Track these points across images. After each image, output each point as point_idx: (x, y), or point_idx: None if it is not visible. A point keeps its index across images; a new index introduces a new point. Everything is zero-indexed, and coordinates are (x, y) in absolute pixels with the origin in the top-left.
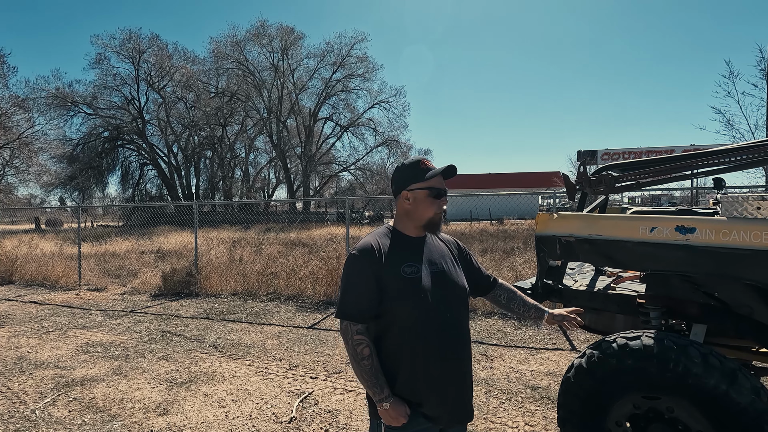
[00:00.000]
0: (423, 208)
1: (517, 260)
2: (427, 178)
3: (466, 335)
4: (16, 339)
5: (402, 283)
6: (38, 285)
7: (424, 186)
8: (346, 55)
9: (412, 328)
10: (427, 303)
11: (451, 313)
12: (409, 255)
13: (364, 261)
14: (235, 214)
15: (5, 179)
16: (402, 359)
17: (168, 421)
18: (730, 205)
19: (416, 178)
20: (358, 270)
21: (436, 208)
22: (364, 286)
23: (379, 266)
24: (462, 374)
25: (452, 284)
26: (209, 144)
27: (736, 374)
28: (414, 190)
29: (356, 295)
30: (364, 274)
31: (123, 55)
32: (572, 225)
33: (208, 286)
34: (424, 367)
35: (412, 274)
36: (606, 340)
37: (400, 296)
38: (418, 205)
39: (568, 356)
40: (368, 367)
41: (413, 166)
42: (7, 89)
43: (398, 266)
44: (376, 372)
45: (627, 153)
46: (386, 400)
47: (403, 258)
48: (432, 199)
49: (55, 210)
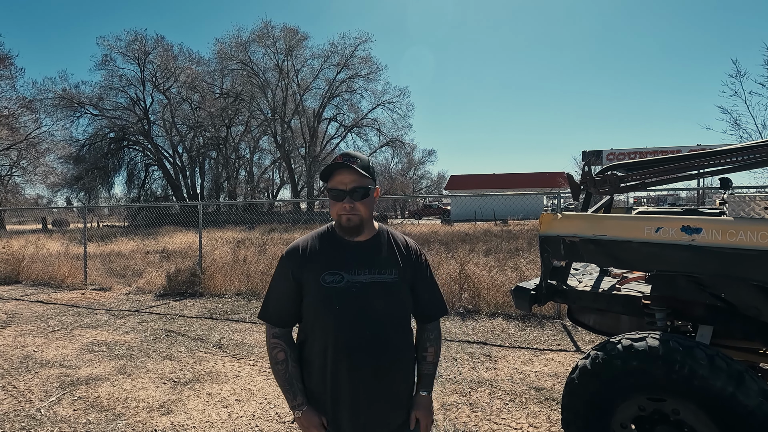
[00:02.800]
0: (332, 210)
1: (521, 261)
2: (324, 179)
3: (391, 352)
4: (23, 338)
5: (320, 292)
6: (44, 284)
7: (327, 187)
8: (350, 55)
9: (327, 340)
10: (346, 315)
11: (374, 329)
12: (336, 261)
13: (287, 263)
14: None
15: (13, 180)
16: (314, 370)
17: (172, 420)
18: (736, 205)
19: (324, 177)
20: (280, 273)
21: (338, 209)
22: (283, 289)
23: (301, 271)
24: (381, 393)
25: (381, 297)
26: (214, 144)
27: (743, 376)
28: (328, 191)
29: (275, 299)
30: (285, 277)
31: (129, 57)
32: (577, 225)
33: (212, 286)
34: (333, 381)
35: (332, 283)
36: (611, 341)
37: (316, 305)
38: (331, 206)
39: (573, 357)
40: (281, 372)
41: (326, 167)
42: (14, 90)
43: (319, 273)
44: (289, 378)
45: (632, 153)
46: (299, 408)
47: (327, 264)
48: (333, 200)
49: (62, 210)
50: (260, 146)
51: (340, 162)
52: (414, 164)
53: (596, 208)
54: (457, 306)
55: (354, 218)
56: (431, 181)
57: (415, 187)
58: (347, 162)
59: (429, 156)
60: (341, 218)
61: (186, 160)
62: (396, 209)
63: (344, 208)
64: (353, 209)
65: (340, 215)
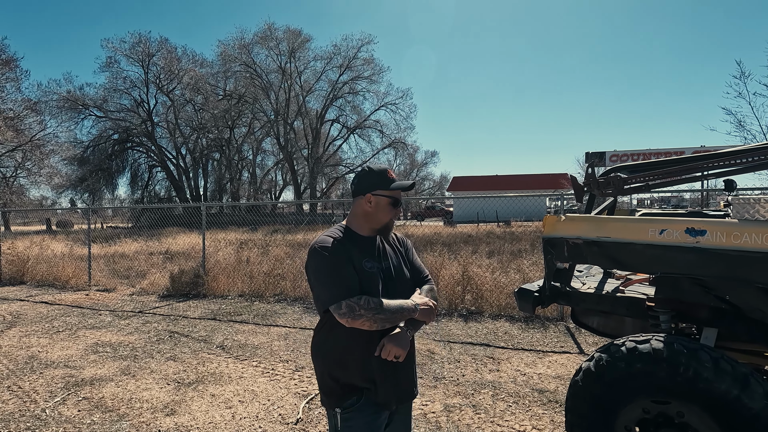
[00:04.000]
0: (382, 214)
1: (524, 262)
2: (392, 188)
3: None
4: (27, 338)
5: (363, 276)
6: (49, 285)
7: (388, 194)
8: (353, 57)
9: None
10: (384, 294)
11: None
12: (366, 252)
13: (337, 251)
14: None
15: (17, 181)
16: (356, 347)
17: (175, 421)
18: (741, 207)
19: (382, 185)
20: (335, 261)
21: (393, 215)
22: (346, 270)
23: (349, 257)
24: (409, 361)
25: (403, 279)
26: (217, 146)
27: (748, 379)
28: (378, 196)
29: (343, 278)
30: (341, 261)
31: (132, 59)
32: (580, 227)
33: (215, 288)
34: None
35: (371, 269)
36: (615, 343)
37: (362, 288)
38: (379, 209)
39: (576, 359)
40: (391, 303)
41: (381, 174)
42: (19, 92)
43: (360, 260)
44: (392, 302)
45: (636, 154)
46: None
47: (362, 253)
48: (391, 207)
49: (66, 211)
50: (263, 148)
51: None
52: (417, 166)
53: (600, 209)
54: (460, 308)
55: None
56: (434, 182)
57: (418, 188)
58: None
59: (431, 157)
60: (390, 223)
61: (189, 162)
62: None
63: (396, 214)
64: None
65: (391, 218)
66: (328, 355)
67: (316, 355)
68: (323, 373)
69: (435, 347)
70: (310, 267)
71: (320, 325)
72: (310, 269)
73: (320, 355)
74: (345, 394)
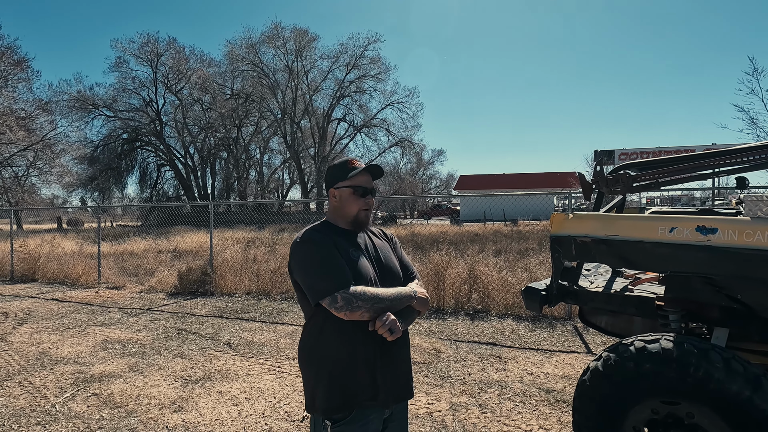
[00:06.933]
0: (348, 205)
1: (531, 261)
2: (350, 177)
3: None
4: (38, 335)
5: (352, 265)
6: (59, 283)
7: (348, 184)
8: (360, 56)
9: None
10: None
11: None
12: (351, 243)
13: (324, 240)
14: (249, 215)
15: (29, 180)
16: (353, 345)
17: (183, 417)
18: (753, 204)
19: (342, 176)
20: (323, 251)
21: (361, 204)
22: (336, 260)
23: (335, 246)
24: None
25: (394, 269)
26: (225, 145)
27: (760, 380)
28: (340, 188)
29: (335, 268)
30: (330, 251)
31: (141, 59)
32: (588, 225)
33: (222, 286)
34: (364, 351)
35: (356, 258)
36: (623, 343)
37: (354, 278)
38: (344, 202)
39: (584, 359)
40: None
41: (341, 166)
42: (31, 93)
43: (347, 249)
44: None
45: (645, 153)
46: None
47: (347, 243)
48: (356, 197)
49: (76, 210)
50: (270, 147)
51: (372, 165)
52: (423, 164)
53: (608, 208)
54: (466, 306)
55: (369, 214)
56: (440, 181)
57: (425, 187)
58: (376, 167)
59: (438, 156)
60: (360, 213)
61: (197, 161)
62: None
63: (367, 204)
64: (371, 206)
65: (361, 210)
66: (323, 360)
67: (308, 360)
68: (316, 380)
69: (441, 346)
70: (295, 262)
71: (309, 325)
72: (295, 265)
73: (313, 360)
74: (338, 405)
